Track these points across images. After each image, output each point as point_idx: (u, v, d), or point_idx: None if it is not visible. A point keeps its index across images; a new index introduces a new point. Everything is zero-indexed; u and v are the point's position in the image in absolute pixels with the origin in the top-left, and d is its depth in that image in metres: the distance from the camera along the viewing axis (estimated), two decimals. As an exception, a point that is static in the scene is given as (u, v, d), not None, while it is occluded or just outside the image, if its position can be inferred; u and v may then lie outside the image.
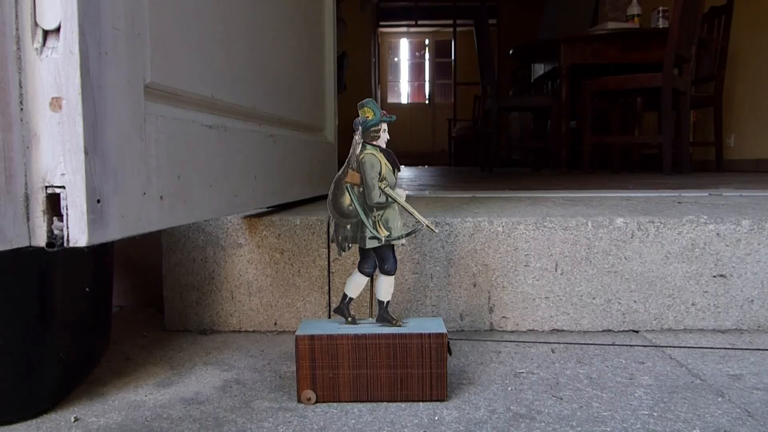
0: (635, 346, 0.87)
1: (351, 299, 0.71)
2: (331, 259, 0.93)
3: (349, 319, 0.71)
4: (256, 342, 0.90)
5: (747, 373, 0.76)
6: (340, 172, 0.68)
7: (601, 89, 3.52)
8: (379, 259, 0.70)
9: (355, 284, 0.71)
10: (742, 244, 0.92)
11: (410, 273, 0.93)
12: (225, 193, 0.76)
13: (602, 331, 0.94)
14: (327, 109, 1.35)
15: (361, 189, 0.67)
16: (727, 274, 0.92)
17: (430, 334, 0.67)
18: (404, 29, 10.30)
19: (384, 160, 0.68)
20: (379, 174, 0.67)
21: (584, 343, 0.88)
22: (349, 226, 0.68)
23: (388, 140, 0.68)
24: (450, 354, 0.68)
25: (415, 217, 0.68)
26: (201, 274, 0.94)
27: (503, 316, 0.93)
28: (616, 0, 4.49)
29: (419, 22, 9.94)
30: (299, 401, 0.67)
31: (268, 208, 1.06)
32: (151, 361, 0.82)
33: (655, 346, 0.87)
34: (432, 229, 0.69)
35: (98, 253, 0.76)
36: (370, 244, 0.68)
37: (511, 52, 4.35)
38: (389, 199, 0.68)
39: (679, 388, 0.72)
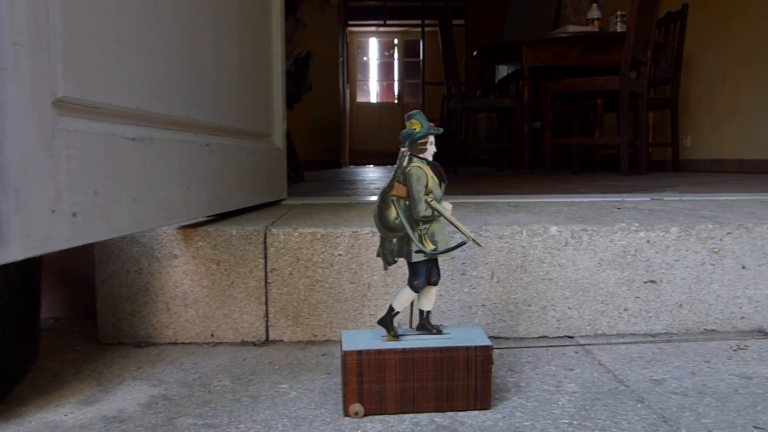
0: (568, 352, 0.88)
1: (397, 313, 0.71)
2: (268, 270, 0.93)
3: (392, 332, 0.70)
4: (191, 354, 0.89)
5: (669, 377, 0.78)
6: (386, 185, 0.66)
7: (562, 91, 3.57)
8: (427, 272, 0.69)
9: (405, 299, 0.70)
10: (671, 250, 0.94)
11: (348, 283, 0.93)
12: (152, 205, 0.75)
13: (538, 337, 0.95)
14: (275, 115, 1.34)
15: (407, 202, 0.66)
16: (657, 279, 0.95)
17: (476, 347, 0.67)
18: (373, 29, 10.29)
19: (431, 173, 0.66)
20: (426, 187, 0.66)
21: (518, 347, 0.89)
22: (395, 240, 0.67)
23: (435, 152, 0.67)
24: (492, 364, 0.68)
25: (461, 231, 0.67)
26: (135, 285, 0.93)
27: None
28: (577, 4, 4.56)
29: (388, 22, 9.95)
30: (346, 415, 0.67)
31: (208, 217, 1.05)
32: (79, 377, 0.80)
33: (587, 352, 0.88)
34: (477, 243, 0.69)
35: (21, 266, 0.75)
36: (416, 257, 0.67)
37: (475, 53, 4.38)
38: (435, 212, 0.67)
39: (602, 394, 0.73)
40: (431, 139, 0.67)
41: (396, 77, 10.48)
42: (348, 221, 1.01)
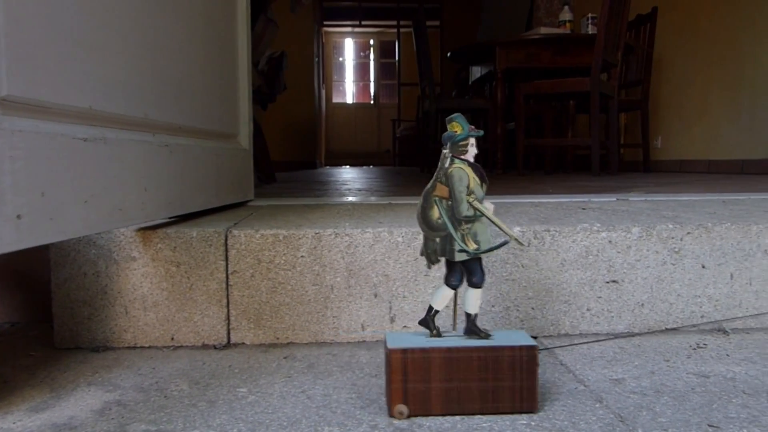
0: (530, 352, 0.89)
1: (437, 312, 0.70)
2: (229, 272, 0.91)
3: (434, 331, 0.70)
4: (150, 359, 0.87)
5: (629, 377, 0.79)
6: (429, 186, 0.67)
7: (534, 92, 3.60)
8: (467, 272, 0.69)
9: (442, 297, 0.70)
10: (632, 250, 0.95)
11: (310, 285, 0.92)
12: (105, 207, 0.73)
13: (501, 338, 0.95)
14: (241, 116, 1.33)
15: (450, 202, 0.67)
16: (619, 279, 0.96)
17: (521, 347, 0.67)
18: (349, 29, 10.29)
19: (472, 174, 0.67)
20: (467, 187, 0.67)
21: (482, 351, 0.89)
22: (438, 239, 0.68)
23: (476, 154, 0.68)
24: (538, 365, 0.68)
25: (503, 231, 0.68)
26: (93, 288, 0.91)
27: (404, 326, 0.94)
28: (549, 5, 4.61)
29: (364, 23, 9.95)
30: (390, 415, 0.65)
31: (170, 218, 1.03)
32: (31, 384, 0.78)
33: (550, 353, 0.89)
34: (520, 243, 0.69)
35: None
36: (459, 257, 0.67)
37: (449, 55, 4.39)
38: (477, 212, 0.67)
39: (562, 395, 0.73)
40: (472, 141, 0.68)
41: (372, 78, 10.49)
42: (312, 222, 1.00)
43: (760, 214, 1.09)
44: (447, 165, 0.67)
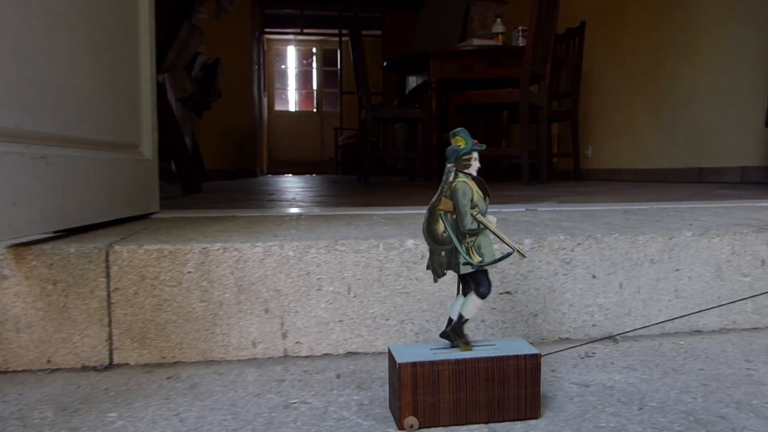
0: (421, 366, 0.88)
1: (467, 320, 0.71)
2: (111, 289, 0.87)
3: (464, 340, 0.70)
4: (20, 384, 0.82)
5: (512, 389, 0.79)
6: (434, 200, 0.68)
7: (466, 102, 3.66)
8: (474, 283, 0.70)
9: (474, 307, 0.70)
10: (525, 261, 0.96)
11: (198, 301, 0.89)
12: (-41, 224, 0.69)
13: (397, 351, 0.95)
14: (144, 125, 1.28)
15: (454, 216, 0.68)
16: (512, 290, 0.97)
17: (525, 356, 0.68)
18: (291, 37, 10.22)
19: (475, 188, 0.68)
20: (471, 201, 0.67)
21: (376, 363, 0.88)
22: (443, 253, 0.68)
23: (479, 168, 0.68)
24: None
25: (505, 243, 0.68)
26: (-41, 310, 0.85)
27: (297, 342, 0.92)
28: (483, 18, 4.70)
29: (306, 31, 9.91)
30: (401, 429, 0.66)
31: (55, 233, 0.98)
32: None
33: (441, 365, 0.88)
34: (522, 255, 0.70)
35: None
36: (464, 269, 0.68)
37: (385, 64, 4.42)
38: (481, 225, 0.67)
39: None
40: (475, 155, 0.68)
41: (314, 86, 10.44)
42: (205, 236, 0.97)
43: (652, 224, 1.13)
44: (451, 179, 0.68)
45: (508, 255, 0.71)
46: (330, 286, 0.92)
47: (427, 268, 0.71)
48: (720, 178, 3.85)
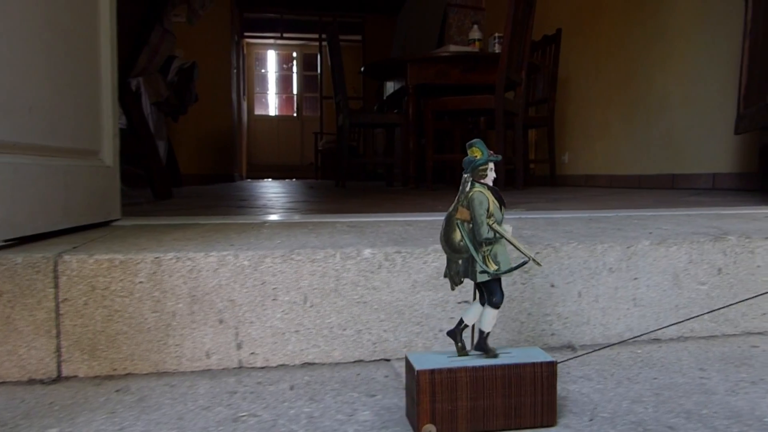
0: (377, 377, 0.87)
1: (488, 333, 0.73)
2: (60, 300, 0.85)
3: (491, 352, 0.72)
4: (-38, 398, 0.80)
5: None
6: (451, 209, 0.69)
7: (441, 108, 3.66)
8: (487, 292, 0.71)
9: (492, 318, 0.73)
10: (483, 271, 0.96)
11: (150, 312, 0.87)
12: None
13: (354, 362, 0.94)
14: (104, 131, 1.26)
15: (471, 225, 0.69)
16: (470, 300, 0.96)
17: (542, 363, 0.69)
18: (271, 41, 10.19)
19: (491, 198, 0.69)
20: (487, 210, 0.69)
21: (331, 374, 0.87)
22: (460, 261, 0.70)
23: (495, 178, 0.70)
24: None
25: (521, 252, 0.69)
26: None
27: (252, 353, 0.90)
28: (461, 24, 4.73)
29: (287, 35, 9.88)
30: None
31: (5, 241, 0.95)
32: None
33: (397, 375, 0.88)
34: (537, 263, 0.71)
35: None
36: (481, 278, 0.69)
37: (362, 69, 4.42)
38: (497, 234, 0.69)
39: (391, 422, 0.72)
40: (491, 165, 0.70)
41: (295, 90, 10.41)
42: (162, 245, 0.95)
43: (612, 233, 1.13)
44: (468, 189, 0.69)
45: (524, 263, 0.73)
46: (286, 296, 0.91)
47: (445, 276, 0.72)
48: (692, 184, 3.90)
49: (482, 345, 0.73)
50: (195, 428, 0.71)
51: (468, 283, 0.72)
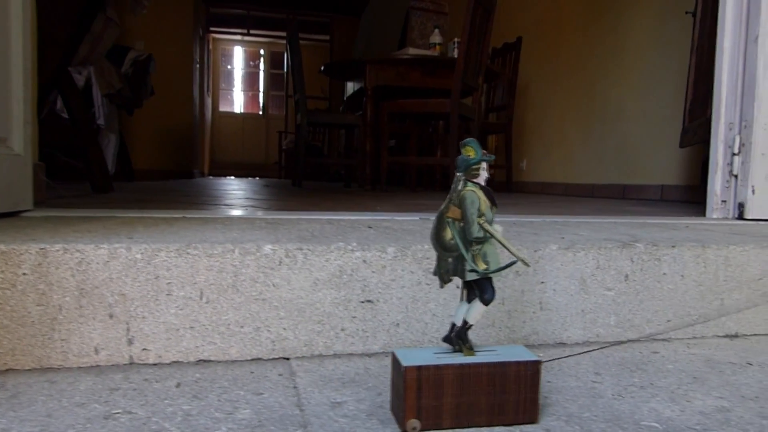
0: (271, 375, 0.86)
1: (470, 326, 0.73)
2: (-64, 290, 0.82)
3: (468, 345, 0.72)
4: None
5: (351, 399, 0.78)
6: (443, 207, 0.69)
7: (398, 111, 3.67)
8: (479, 290, 0.71)
9: (478, 313, 0.72)
10: (387, 270, 0.96)
11: (34, 305, 0.84)
12: None
13: (251, 360, 0.92)
14: (14, 118, 1.22)
15: (462, 224, 0.69)
16: (374, 299, 0.95)
17: (527, 362, 0.70)
18: (239, 37, 10.07)
19: (483, 197, 0.69)
20: (479, 210, 0.69)
21: (225, 372, 0.85)
22: (450, 259, 0.70)
23: (487, 178, 0.70)
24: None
25: (510, 252, 0.69)
26: None
27: (144, 348, 0.88)
28: (423, 28, 4.74)
29: (254, 32, 9.79)
30: (404, 430, 0.67)
31: None
32: None
33: (291, 375, 0.86)
34: (526, 263, 0.72)
35: None
36: (470, 276, 0.70)
37: (322, 68, 4.39)
38: (487, 234, 0.69)
39: (270, 420, 0.71)
40: (484, 165, 0.70)
41: (261, 88, 10.31)
42: (57, 236, 0.92)
43: (527, 236, 1.14)
44: (460, 188, 0.69)
45: (513, 263, 0.73)
46: (181, 291, 0.88)
47: (434, 274, 0.72)
48: (641, 195, 3.98)
49: (463, 335, 0.73)
50: (61, 426, 0.68)
51: (373, 280, 0.71)
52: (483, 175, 0.71)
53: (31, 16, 1.26)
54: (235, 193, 3.09)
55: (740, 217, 1.76)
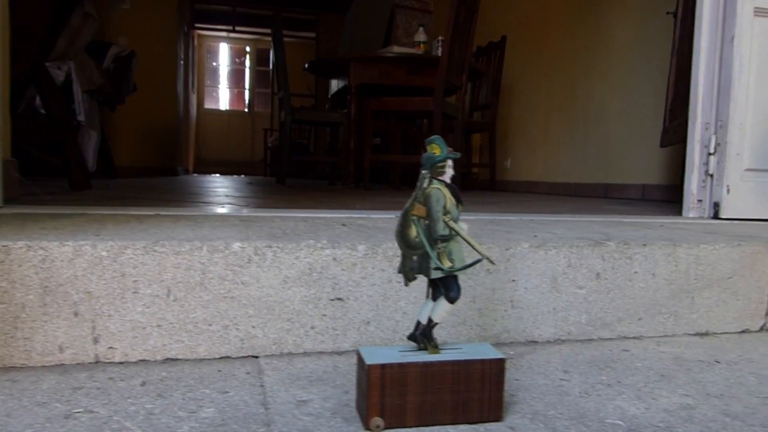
0: (238, 374, 0.85)
1: (435, 324, 0.73)
2: None
3: (433, 343, 0.72)
4: None
5: (318, 397, 0.78)
6: (408, 204, 0.69)
7: (381, 109, 3.66)
8: (444, 288, 0.71)
9: (443, 311, 0.72)
10: (357, 268, 0.95)
11: (-4, 302, 0.83)
12: None
13: (220, 358, 0.91)
14: (-17, 112, 1.20)
15: (427, 222, 0.69)
16: (344, 297, 0.95)
17: (491, 360, 0.70)
18: (224, 34, 10.01)
19: (449, 195, 0.69)
20: (444, 207, 0.68)
21: (192, 371, 0.84)
22: (415, 257, 0.70)
23: (453, 175, 0.70)
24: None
25: (476, 250, 0.70)
26: None
27: (110, 347, 0.87)
28: (408, 26, 4.73)
29: (239, 29, 9.72)
30: (367, 429, 0.67)
31: None
32: None
33: (259, 373, 0.86)
34: (491, 261, 0.72)
35: None
36: (435, 274, 0.69)
37: (306, 66, 4.38)
38: (452, 231, 0.69)
39: (234, 419, 0.70)
40: (450, 162, 0.69)
41: (247, 85, 10.26)
42: (22, 233, 0.90)
43: (500, 234, 1.14)
44: (425, 185, 0.69)
45: (478, 261, 0.73)
46: (147, 288, 0.87)
47: (399, 271, 0.72)
48: (623, 194, 4.01)
49: (428, 333, 0.73)
50: (20, 425, 0.67)
51: (343, 277, 0.70)
52: (449, 173, 0.71)
53: (2, 9, 1.24)
54: (217, 190, 3.07)
55: (715, 216, 1.77)
